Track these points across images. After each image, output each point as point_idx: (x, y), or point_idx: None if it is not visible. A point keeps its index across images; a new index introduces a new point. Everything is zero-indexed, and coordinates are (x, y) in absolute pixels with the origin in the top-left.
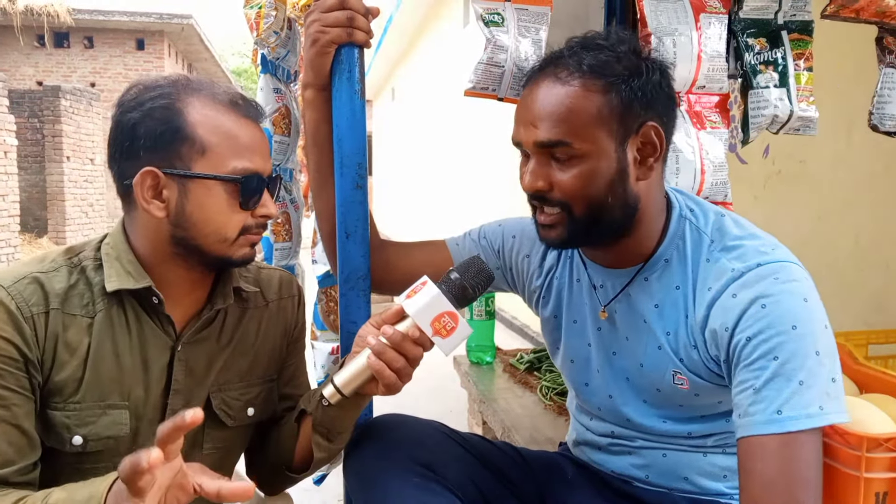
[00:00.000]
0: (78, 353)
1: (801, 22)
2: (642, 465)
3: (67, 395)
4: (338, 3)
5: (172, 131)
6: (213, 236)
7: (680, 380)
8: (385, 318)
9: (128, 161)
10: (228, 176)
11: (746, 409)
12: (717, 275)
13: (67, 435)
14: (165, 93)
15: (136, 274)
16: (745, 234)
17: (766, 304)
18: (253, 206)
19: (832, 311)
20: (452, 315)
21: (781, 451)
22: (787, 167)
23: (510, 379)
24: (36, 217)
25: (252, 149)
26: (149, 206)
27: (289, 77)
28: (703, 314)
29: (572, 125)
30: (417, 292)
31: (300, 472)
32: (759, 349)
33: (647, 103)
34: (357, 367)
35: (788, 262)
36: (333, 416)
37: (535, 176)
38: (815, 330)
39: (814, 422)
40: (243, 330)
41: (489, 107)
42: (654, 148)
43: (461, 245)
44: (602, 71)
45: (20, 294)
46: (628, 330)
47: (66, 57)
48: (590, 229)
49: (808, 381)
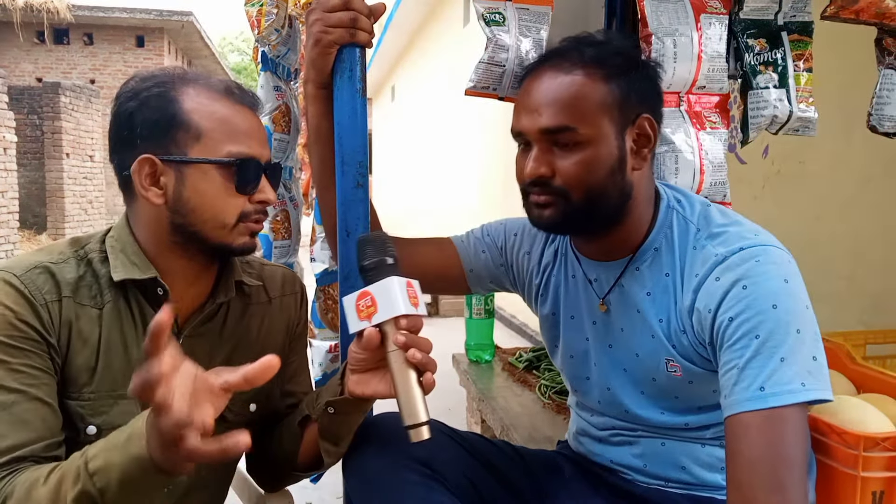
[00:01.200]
0: (90, 342)
1: (800, 23)
2: (640, 455)
3: (81, 385)
4: (341, 4)
5: (168, 118)
6: (210, 222)
7: (673, 367)
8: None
9: (126, 151)
10: (223, 160)
11: (731, 388)
12: (703, 260)
13: (82, 424)
14: (161, 82)
15: (142, 265)
16: (730, 221)
17: (748, 284)
18: (251, 191)
19: (831, 311)
20: (409, 283)
21: (765, 428)
22: (787, 168)
23: (509, 377)
24: (35, 214)
25: (247, 133)
26: (147, 192)
27: (289, 75)
28: (690, 299)
29: (577, 110)
30: (376, 299)
31: (306, 471)
32: (740, 329)
33: (642, 96)
34: (408, 393)
35: (770, 245)
36: (339, 421)
37: (538, 162)
38: (796, 309)
39: (796, 397)
40: (245, 326)
41: (489, 106)
42: (647, 139)
43: (466, 243)
44: (603, 62)
45: (33, 283)
46: (623, 321)
47: (66, 53)
48: (584, 215)
49: (790, 357)
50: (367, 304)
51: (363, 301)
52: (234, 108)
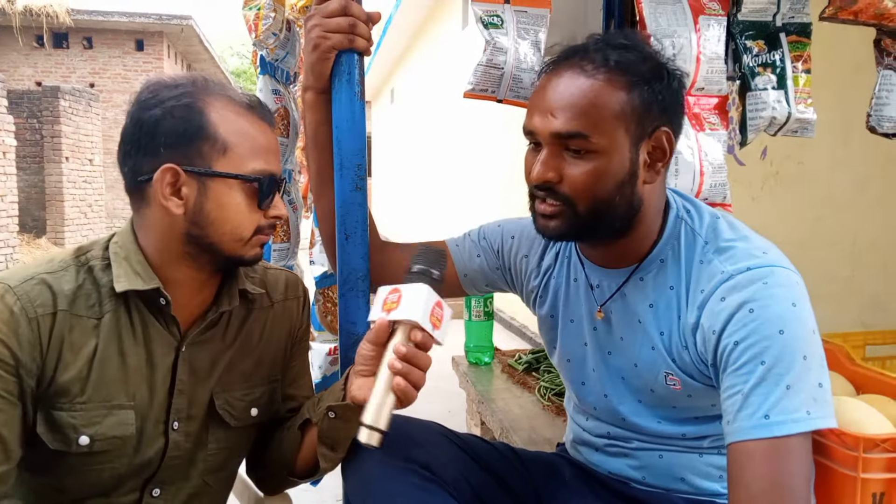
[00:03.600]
0: (83, 353)
1: (799, 24)
2: (639, 467)
3: (73, 396)
4: (340, 9)
5: (194, 129)
6: (228, 235)
7: (672, 380)
8: (373, 340)
9: (145, 157)
10: (248, 175)
11: (735, 415)
12: (709, 277)
13: (74, 435)
14: (187, 91)
15: (145, 275)
16: (738, 236)
17: (754, 308)
18: (267, 206)
19: (830, 312)
20: (440, 304)
21: (769, 457)
22: (785, 169)
23: (508, 379)
24: (34, 217)
25: (268, 150)
26: (167, 202)
27: (288, 78)
28: (694, 315)
29: (593, 118)
30: (400, 301)
31: (303, 478)
32: (746, 353)
33: (664, 108)
34: (379, 397)
35: (778, 266)
36: (340, 427)
37: (547, 167)
38: (803, 335)
39: (801, 426)
40: (247, 330)
41: (488, 109)
42: (663, 153)
43: (461, 245)
44: (627, 69)
45: (26, 294)
46: (623, 330)
47: (65, 57)
48: (590, 226)
49: (796, 385)
50: (393, 300)
51: (392, 296)
52: (257, 124)
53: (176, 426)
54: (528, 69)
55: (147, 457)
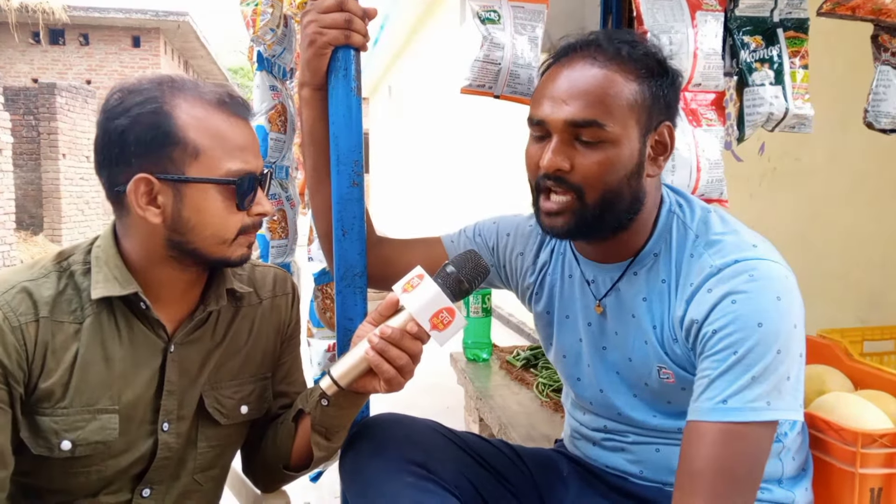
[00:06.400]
0: (65, 359)
1: (796, 20)
2: (636, 461)
3: (55, 401)
4: (336, 5)
5: (163, 136)
6: (210, 238)
7: (665, 374)
8: (381, 311)
9: (118, 168)
10: (223, 178)
11: (697, 396)
12: (699, 270)
13: (56, 440)
14: (152, 97)
15: (123, 280)
16: (728, 230)
17: (737, 299)
18: (248, 205)
19: (827, 308)
20: (450, 310)
21: (718, 440)
22: (783, 165)
23: (506, 376)
24: (31, 215)
25: (244, 148)
26: (144, 213)
27: (285, 74)
28: (682, 308)
29: (607, 107)
30: (415, 287)
31: (298, 470)
32: (721, 342)
33: (668, 103)
34: (354, 358)
35: (767, 259)
36: (332, 415)
37: (559, 155)
38: (781, 328)
39: (757, 415)
40: (236, 328)
41: (485, 104)
42: (664, 147)
43: (456, 242)
44: (639, 61)
45: (8, 304)
46: (618, 324)
47: (62, 54)
48: (597, 220)
49: (761, 376)
50: (413, 284)
51: (415, 280)
52: (229, 121)
53: (166, 427)
54: (525, 65)
55: (135, 458)
